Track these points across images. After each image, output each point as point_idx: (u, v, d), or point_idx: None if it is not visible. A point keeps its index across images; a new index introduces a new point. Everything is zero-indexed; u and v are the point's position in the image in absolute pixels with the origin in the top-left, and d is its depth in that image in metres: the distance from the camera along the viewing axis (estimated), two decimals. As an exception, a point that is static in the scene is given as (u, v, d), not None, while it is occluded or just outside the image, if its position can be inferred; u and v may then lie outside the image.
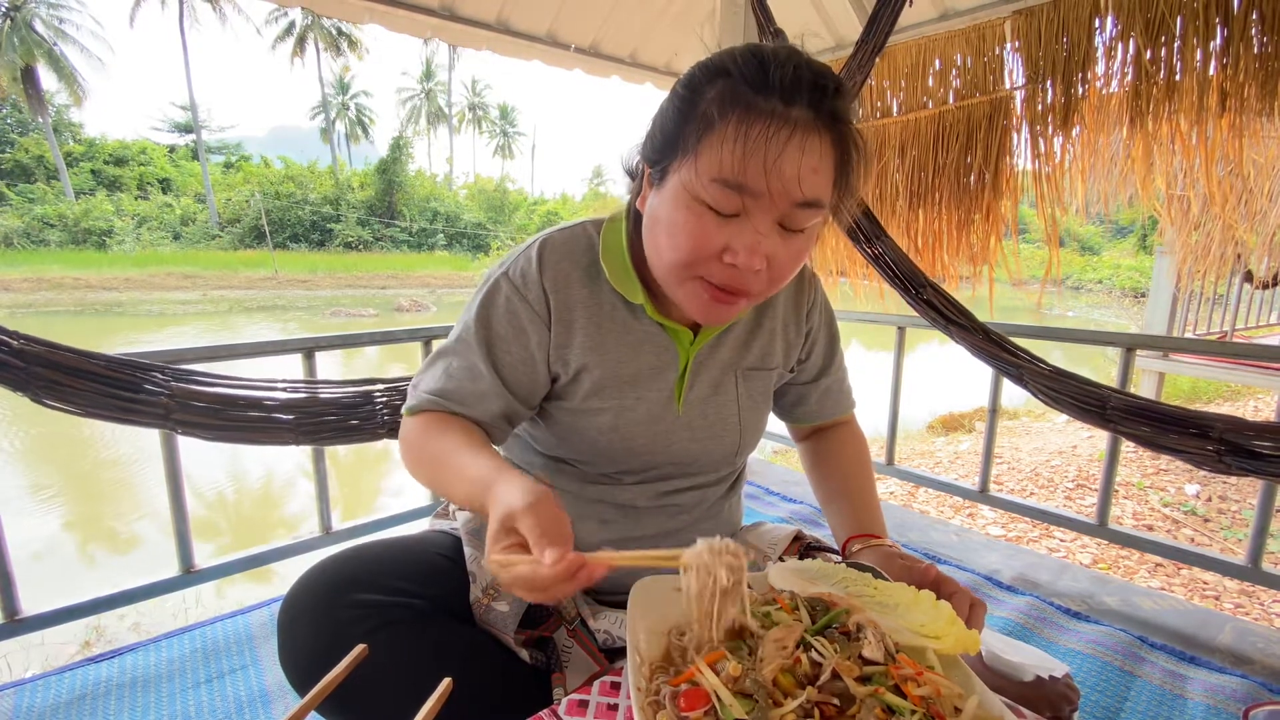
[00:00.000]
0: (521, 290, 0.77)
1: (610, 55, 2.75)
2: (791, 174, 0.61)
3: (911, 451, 4.58)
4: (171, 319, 16.46)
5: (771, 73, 0.61)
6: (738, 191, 0.62)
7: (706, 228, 0.64)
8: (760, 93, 0.61)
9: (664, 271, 0.70)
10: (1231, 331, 4.59)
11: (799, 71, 0.62)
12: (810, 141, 0.62)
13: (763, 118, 0.61)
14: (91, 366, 1.18)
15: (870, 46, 1.77)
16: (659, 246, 0.69)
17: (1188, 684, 1.24)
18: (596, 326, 0.79)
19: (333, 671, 0.48)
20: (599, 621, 0.79)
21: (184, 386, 1.28)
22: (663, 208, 0.67)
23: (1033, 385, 1.61)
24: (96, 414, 1.20)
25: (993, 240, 2.31)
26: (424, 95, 46.75)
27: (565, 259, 0.79)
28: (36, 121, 27.49)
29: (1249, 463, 1.27)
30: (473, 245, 31.74)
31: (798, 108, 0.61)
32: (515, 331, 0.77)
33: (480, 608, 0.77)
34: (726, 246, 0.64)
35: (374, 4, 2.13)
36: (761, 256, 0.64)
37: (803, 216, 0.64)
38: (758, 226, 0.63)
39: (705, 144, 0.63)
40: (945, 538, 1.97)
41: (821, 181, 0.64)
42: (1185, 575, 2.55)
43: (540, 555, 0.51)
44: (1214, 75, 1.76)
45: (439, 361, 0.80)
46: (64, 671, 1.24)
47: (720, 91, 0.63)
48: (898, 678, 0.54)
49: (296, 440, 1.40)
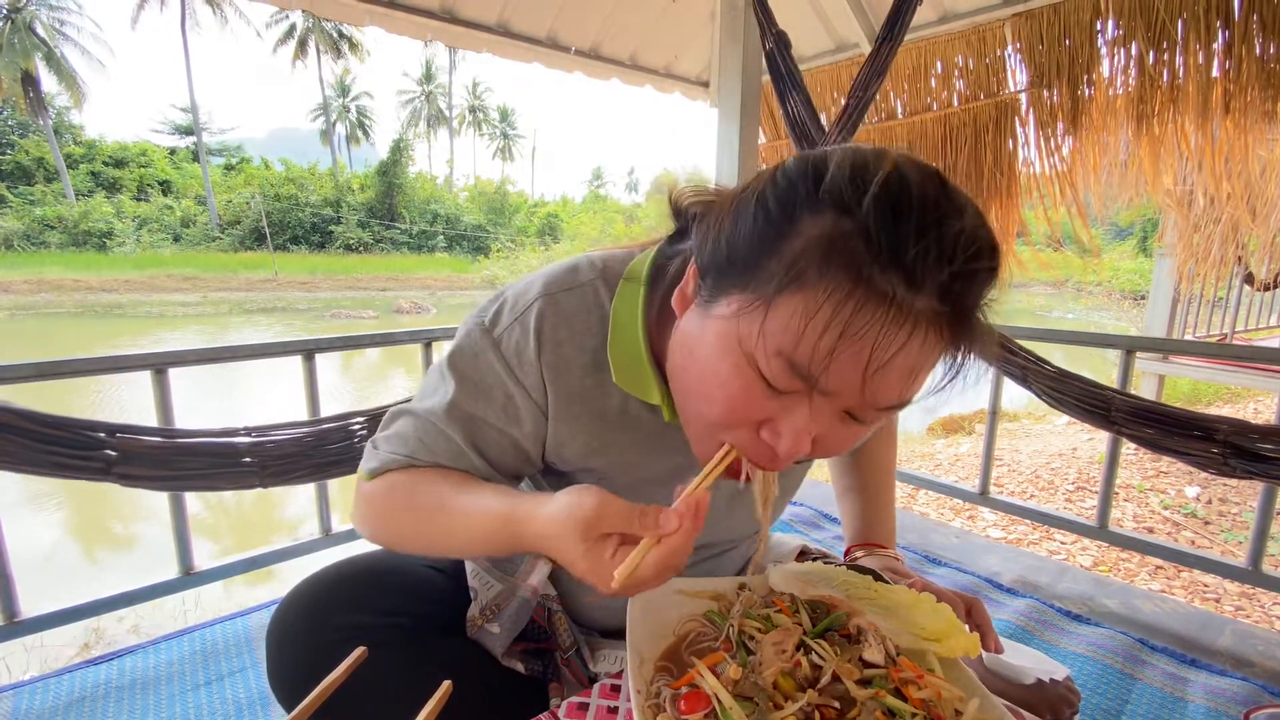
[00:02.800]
0: (516, 371, 0.63)
1: (610, 58, 2.75)
2: (889, 381, 0.46)
3: (912, 454, 4.58)
4: (171, 321, 16.47)
5: (910, 237, 0.43)
6: (805, 380, 0.47)
7: (752, 398, 0.49)
8: (883, 265, 0.43)
9: (682, 413, 0.58)
10: (1231, 334, 4.59)
11: (949, 242, 0.43)
12: (927, 338, 0.45)
13: (877, 303, 0.43)
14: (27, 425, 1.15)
15: (891, 46, 1.76)
16: (687, 381, 0.54)
17: (1188, 687, 1.24)
18: (602, 426, 0.65)
19: (332, 675, 0.48)
20: (599, 664, 0.76)
21: (128, 440, 1.24)
22: (702, 344, 0.52)
23: (1037, 387, 1.61)
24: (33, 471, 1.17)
25: (1009, 242, 2.32)
26: (424, 98, 46.85)
27: (568, 340, 0.63)
28: (37, 123, 27.52)
29: (1254, 466, 1.26)
30: (473, 247, 31.78)
31: (925, 294, 0.44)
32: (507, 417, 0.64)
33: (473, 627, 0.75)
34: (768, 420, 0.50)
35: (374, 6, 2.13)
36: (808, 440, 0.50)
37: (878, 416, 0.50)
38: (816, 415, 0.49)
39: (784, 302, 0.45)
40: (945, 540, 1.97)
41: (920, 385, 0.49)
42: (1186, 578, 2.54)
43: (657, 527, 0.48)
44: (1217, 77, 1.76)
45: (403, 422, 0.66)
46: (63, 674, 1.24)
47: (828, 235, 0.45)
48: (898, 680, 0.54)
49: (263, 483, 1.37)
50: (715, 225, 0.52)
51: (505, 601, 0.75)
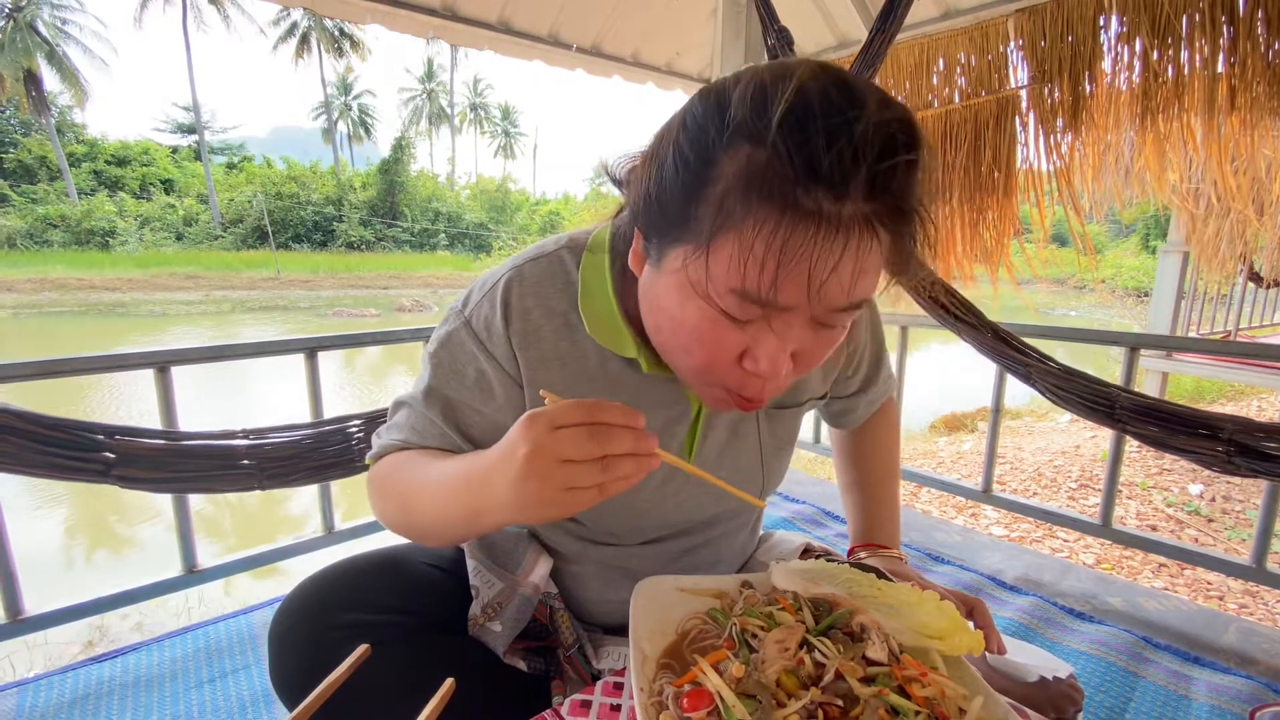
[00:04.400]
0: (486, 344, 0.65)
1: (612, 55, 2.74)
2: (837, 289, 0.48)
3: (914, 452, 4.58)
4: (174, 319, 16.50)
5: (821, 150, 0.43)
6: (762, 306, 0.49)
7: (720, 335, 0.52)
8: (804, 184, 0.44)
9: (673, 367, 0.60)
10: (1235, 331, 4.58)
11: (860, 142, 0.43)
12: (864, 242, 0.46)
13: (806, 223, 0.44)
14: (27, 427, 1.15)
15: (885, 37, 1.75)
16: (663, 338, 0.58)
17: (1192, 685, 1.24)
18: (579, 380, 0.66)
19: (335, 673, 0.48)
20: (602, 661, 0.76)
21: (127, 442, 1.24)
22: (664, 297, 0.54)
23: (1041, 384, 1.60)
24: (32, 473, 1.17)
25: (1005, 239, 2.31)
26: (426, 96, 46.82)
27: (536, 306, 0.65)
28: (40, 122, 27.56)
29: (1259, 464, 1.26)
30: (475, 245, 31.79)
31: (852, 200, 0.44)
32: (481, 394, 0.66)
33: (475, 625, 0.75)
34: (747, 351, 0.53)
35: (376, 4, 2.13)
36: (787, 359, 0.53)
37: (842, 317, 0.52)
38: (784, 333, 0.51)
39: (722, 242, 0.47)
40: (948, 538, 1.97)
41: (872, 281, 0.50)
42: (1189, 575, 2.54)
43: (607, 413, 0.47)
44: (1222, 73, 1.75)
45: (400, 412, 0.72)
46: (67, 671, 1.24)
47: (744, 170, 0.45)
48: (902, 679, 0.54)
49: (262, 485, 1.36)
50: (642, 185, 0.53)
51: (507, 600, 0.75)
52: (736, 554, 0.87)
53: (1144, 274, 16.14)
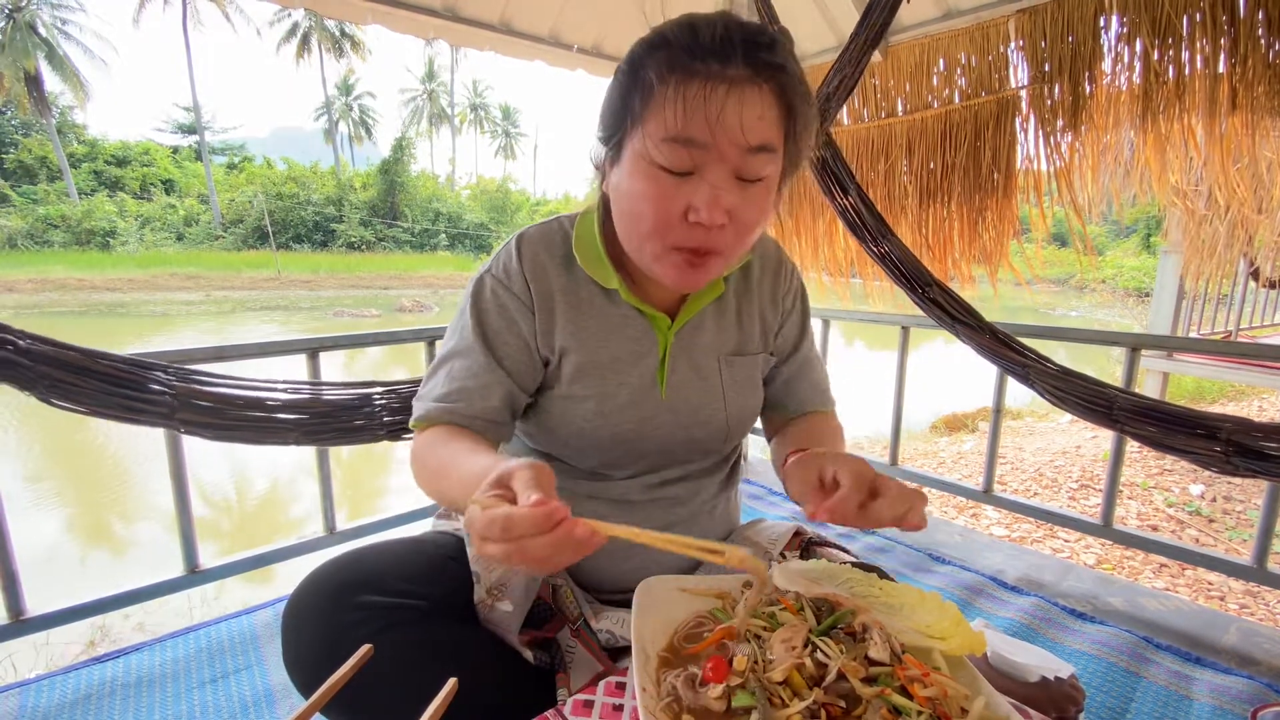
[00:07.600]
0: (506, 283, 0.82)
1: (613, 55, 2.74)
2: (734, 123, 0.64)
3: (915, 452, 4.57)
4: (175, 319, 16.51)
5: (703, 36, 0.64)
6: (686, 146, 0.64)
7: (665, 190, 0.66)
8: (696, 57, 0.64)
9: (636, 247, 0.73)
10: (1236, 331, 4.58)
11: (730, 32, 0.65)
12: (749, 93, 0.64)
13: (701, 78, 0.64)
14: (97, 366, 1.19)
15: (863, 40, 1.76)
16: (626, 221, 0.72)
17: (1193, 685, 1.24)
18: (575, 311, 0.82)
19: (339, 671, 0.48)
20: (601, 621, 0.79)
21: (188, 386, 1.28)
22: (624, 181, 0.70)
23: (1039, 385, 1.60)
24: (102, 413, 1.20)
25: (1005, 240, 2.30)
26: (426, 96, 46.82)
27: (542, 250, 0.83)
28: (40, 122, 27.56)
29: (1257, 464, 1.26)
30: (475, 246, 31.78)
31: (734, 66, 0.64)
32: (507, 323, 0.81)
33: (484, 608, 0.77)
34: (688, 205, 0.66)
35: (376, 5, 2.13)
36: (723, 210, 0.66)
37: (757, 164, 0.66)
38: (714, 180, 0.65)
39: (650, 109, 0.66)
40: (949, 538, 1.97)
41: (768, 127, 0.66)
42: (1190, 576, 2.54)
43: (524, 499, 0.49)
44: (1223, 73, 1.75)
45: (440, 368, 0.83)
46: (69, 671, 1.25)
47: (659, 60, 0.66)
48: (904, 678, 0.54)
49: (298, 440, 1.41)
50: (601, 114, 0.73)
51: (509, 579, 0.77)
52: (717, 517, 0.91)
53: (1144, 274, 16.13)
